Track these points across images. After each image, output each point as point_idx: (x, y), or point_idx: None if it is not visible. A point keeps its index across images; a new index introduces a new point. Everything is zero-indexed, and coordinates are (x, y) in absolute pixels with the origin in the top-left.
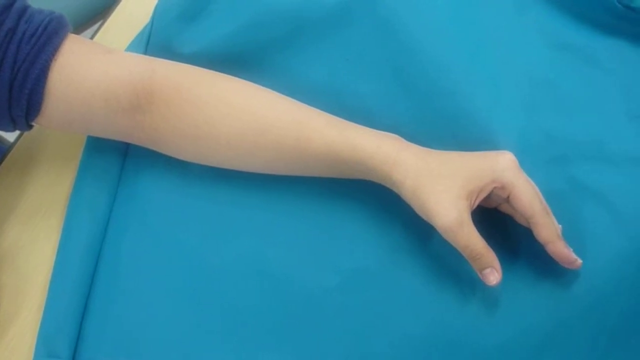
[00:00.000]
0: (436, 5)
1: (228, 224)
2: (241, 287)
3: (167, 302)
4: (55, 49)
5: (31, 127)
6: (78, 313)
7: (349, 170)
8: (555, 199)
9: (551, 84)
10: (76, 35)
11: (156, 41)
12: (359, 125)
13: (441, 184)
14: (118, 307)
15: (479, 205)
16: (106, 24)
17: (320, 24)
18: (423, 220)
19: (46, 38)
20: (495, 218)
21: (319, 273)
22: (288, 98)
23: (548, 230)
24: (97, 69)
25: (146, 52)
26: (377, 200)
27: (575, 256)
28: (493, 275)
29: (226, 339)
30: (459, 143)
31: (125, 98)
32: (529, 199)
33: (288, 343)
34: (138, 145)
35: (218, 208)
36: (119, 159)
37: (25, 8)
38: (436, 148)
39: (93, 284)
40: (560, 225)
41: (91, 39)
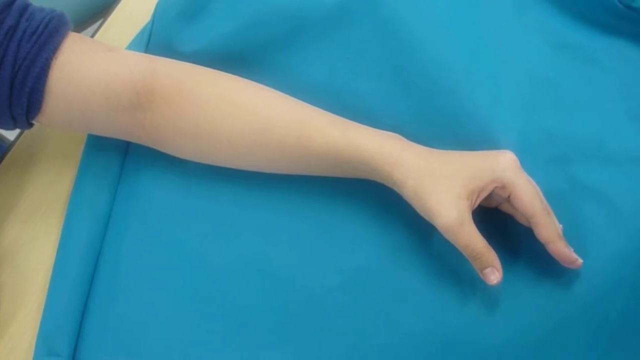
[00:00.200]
0: (436, 4)
1: (229, 223)
2: (242, 286)
3: (168, 301)
4: (56, 47)
5: (32, 126)
6: (78, 312)
7: (351, 169)
8: (555, 199)
9: (551, 83)
10: (77, 33)
11: (157, 40)
12: (361, 124)
13: (442, 184)
14: (118, 306)
15: (480, 204)
16: (107, 23)
17: (320, 23)
18: (424, 219)
19: (47, 36)
20: (496, 218)
21: (321, 272)
22: (289, 97)
23: (549, 229)
24: (98, 67)
25: (147, 51)
26: (379, 199)
27: (575, 256)
28: (494, 274)
29: (227, 338)
30: (460, 142)
31: (125, 96)
32: (530, 199)
33: (289, 342)
34: (138, 143)
35: (219, 207)
36: (120, 158)
37: (26, 6)
38: (437, 147)
39: (93, 283)
40: (561, 224)
41: (92, 38)
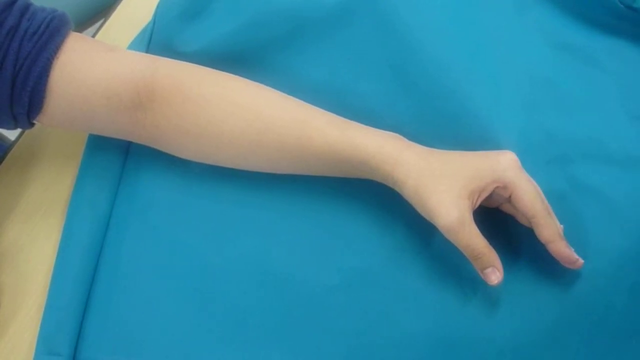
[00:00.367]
0: (437, 4)
1: (229, 223)
2: (243, 286)
3: (168, 301)
4: (57, 47)
5: (33, 125)
6: (79, 311)
7: (351, 169)
8: (556, 199)
9: (552, 84)
10: (78, 33)
11: (158, 39)
12: (361, 124)
13: (443, 184)
14: (119, 306)
15: (481, 205)
16: (108, 22)
17: (321, 23)
18: (425, 219)
19: (48, 36)
20: (496, 218)
21: (321, 272)
22: (290, 97)
23: (550, 230)
24: (99, 67)
25: (148, 51)
26: (379, 199)
27: (576, 256)
28: (494, 274)
29: (228, 338)
30: (460, 142)
31: (126, 96)
32: (531, 199)
33: (290, 342)
34: (139, 143)
35: (219, 207)
36: (120, 158)
37: (27, 6)
38: (437, 147)
39: (94, 283)
40: (561, 225)
41: (93, 37)
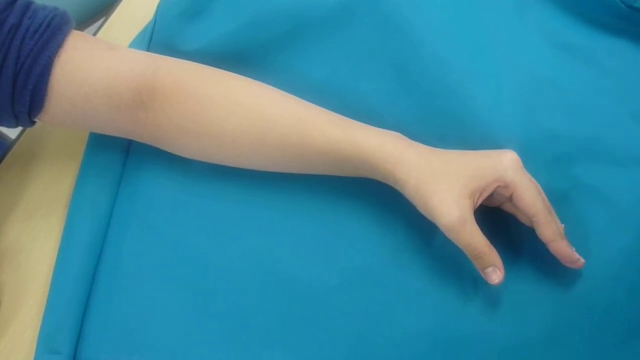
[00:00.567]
0: (438, 4)
1: (231, 222)
2: (244, 286)
3: (169, 300)
4: (58, 46)
5: (34, 124)
6: (80, 310)
7: (353, 168)
8: (557, 199)
9: (553, 83)
10: (79, 32)
11: (159, 39)
12: (362, 123)
13: (444, 183)
14: (120, 305)
15: (482, 204)
16: (109, 21)
17: (322, 23)
18: (426, 219)
19: (50, 34)
20: (498, 217)
21: (323, 272)
22: (292, 96)
23: (551, 229)
24: (100, 66)
25: (149, 50)
26: (381, 199)
27: (578, 255)
28: (496, 274)
29: (229, 337)
30: (461, 141)
31: (128, 95)
32: (532, 198)
33: (291, 341)
34: (141, 142)
35: (221, 206)
36: (122, 157)
37: (29, 4)
38: (438, 147)
39: (95, 282)
40: (563, 224)
41: (94, 36)
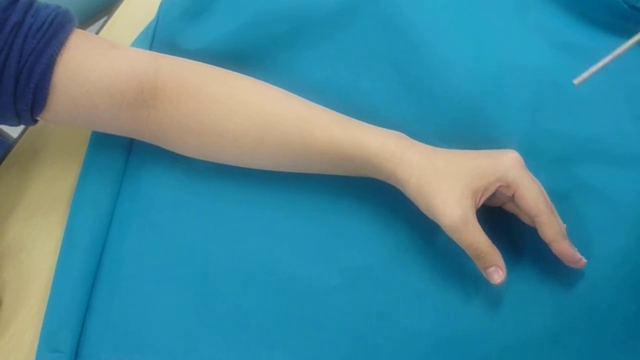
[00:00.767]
0: (439, 4)
1: (232, 222)
2: (245, 285)
3: (170, 299)
4: (61, 44)
5: (36, 122)
6: (81, 309)
7: (354, 167)
8: (559, 198)
9: (555, 84)
10: (82, 30)
11: (161, 38)
12: (364, 122)
13: (446, 183)
14: (121, 304)
15: (484, 204)
16: (111, 20)
17: (323, 22)
18: (428, 218)
19: (52, 33)
20: (499, 217)
21: (324, 271)
22: (294, 95)
23: (553, 229)
24: (103, 64)
25: (151, 48)
26: (382, 198)
27: (579, 255)
28: (497, 273)
29: (229, 337)
30: (463, 141)
31: (129, 93)
32: (534, 198)
33: (292, 341)
34: (143, 141)
35: (222, 205)
36: (123, 155)
37: (31, 3)
38: (439, 146)
39: (96, 281)
40: (564, 224)
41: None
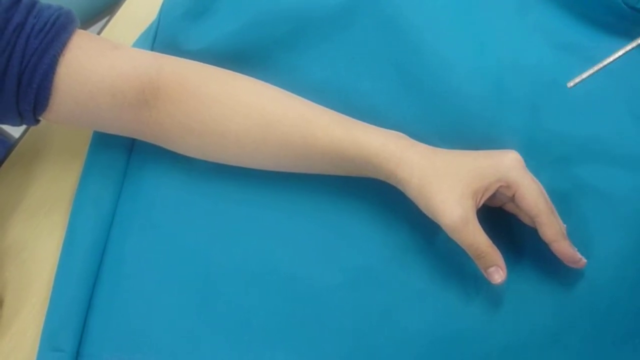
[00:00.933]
0: (439, 4)
1: (234, 222)
2: (246, 285)
3: (172, 299)
4: (63, 44)
5: (38, 122)
6: (82, 308)
7: (355, 168)
8: (559, 199)
9: (555, 84)
10: (84, 30)
11: (162, 38)
12: (365, 123)
13: (446, 183)
14: (122, 303)
15: (484, 204)
16: (113, 20)
17: (324, 23)
18: (428, 218)
19: (54, 33)
20: (500, 217)
21: (325, 271)
22: (295, 95)
23: (553, 229)
24: (104, 65)
25: (153, 49)
26: (383, 198)
27: (579, 255)
28: (498, 273)
29: (231, 337)
30: (463, 141)
31: (131, 93)
32: (534, 198)
33: (293, 341)
34: (144, 141)
35: (224, 205)
36: (125, 155)
37: (34, 3)
38: (440, 146)
39: (98, 280)
40: (565, 224)
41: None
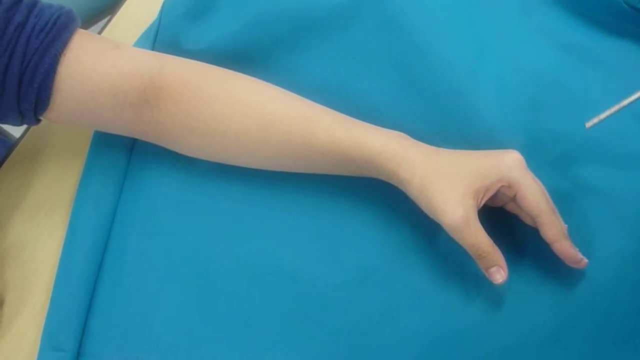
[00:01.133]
0: (441, 5)
1: (235, 221)
2: (248, 284)
3: (173, 299)
4: (64, 44)
5: (39, 122)
6: (83, 308)
7: (356, 167)
8: (560, 199)
9: (556, 84)
10: (85, 30)
11: (163, 38)
12: (366, 123)
13: (448, 183)
14: (123, 303)
15: (486, 204)
16: (114, 20)
17: (325, 22)
18: (430, 218)
19: (55, 33)
20: (501, 217)
21: (326, 271)
22: (296, 95)
23: (554, 229)
24: (106, 64)
25: (154, 48)
26: (384, 198)
27: (581, 255)
28: (499, 273)
29: (232, 336)
30: (465, 141)
31: (132, 93)
32: (536, 198)
33: (294, 341)
34: (145, 141)
35: (225, 205)
36: (126, 155)
37: (35, 3)
38: (442, 146)
39: (98, 280)
40: (566, 224)
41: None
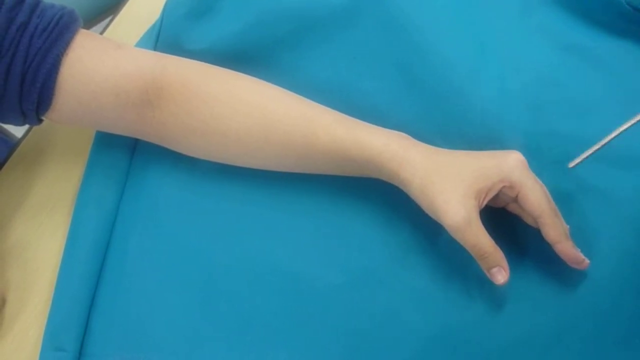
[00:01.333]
0: (442, 5)
1: (236, 221)
2: (248, 285)
3: (174, 298)
4: (66, 44)
5: (41, 121)
6: (85, 308)
7: (357, 168)
8: (562, 199)
9: (558, 85)
10: (87, 30)
11: (165, 38)
12: (367, 123)
13: (449, 183)
14: (125, 303)
15: (487, 205)
16: (116, 20)
17: (326, 22)
18: (431, 218)
19: (58, 33)
20: (503, 218)
21: (327, 271)
22: (297, 95)
23: (556, 230)
24: (108, 64)
25: (155, 48)
26: (385, 199)
27: (582, 256)
28: (501, 274)
29: (233, 336)
30: (466, 141)
31: (134, 93)
32: (538, 199)
33: (295, 341)
34: (147, 141)
35: (226, 205)
36: (128, 155)
37: (37, 3)
38: (443, 146)
39: (100, 280)
40: (567, 225)
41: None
